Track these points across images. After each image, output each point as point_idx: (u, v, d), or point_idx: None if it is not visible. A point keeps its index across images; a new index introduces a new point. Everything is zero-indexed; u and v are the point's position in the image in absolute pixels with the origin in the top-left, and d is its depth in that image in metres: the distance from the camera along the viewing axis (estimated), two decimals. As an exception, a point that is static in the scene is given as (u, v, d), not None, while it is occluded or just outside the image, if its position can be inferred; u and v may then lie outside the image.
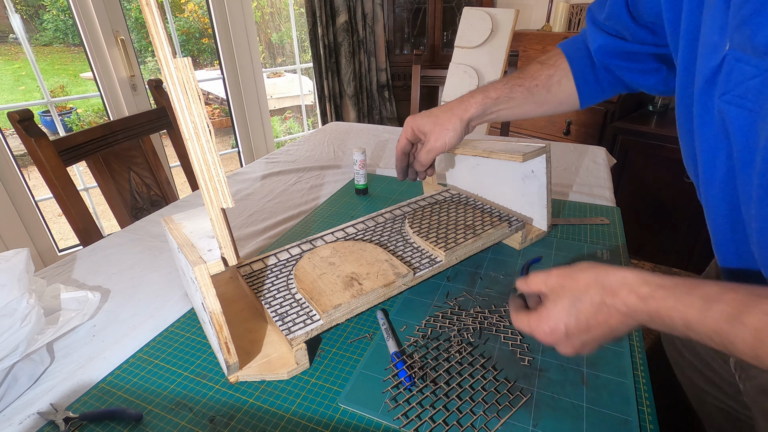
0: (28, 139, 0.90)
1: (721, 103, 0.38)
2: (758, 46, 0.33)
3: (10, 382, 0.50)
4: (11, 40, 4.42)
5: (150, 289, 0.69)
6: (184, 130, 0.40)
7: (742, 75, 0.35)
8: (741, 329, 0.31)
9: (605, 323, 0.39)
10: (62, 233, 2.76)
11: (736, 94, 0.36)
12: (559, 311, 0.41)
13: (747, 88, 0.35)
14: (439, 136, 0.64)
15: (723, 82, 0.37)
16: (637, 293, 0.37)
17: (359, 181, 0.96)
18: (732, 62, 0.36)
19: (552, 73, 0.64)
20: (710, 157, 0.41)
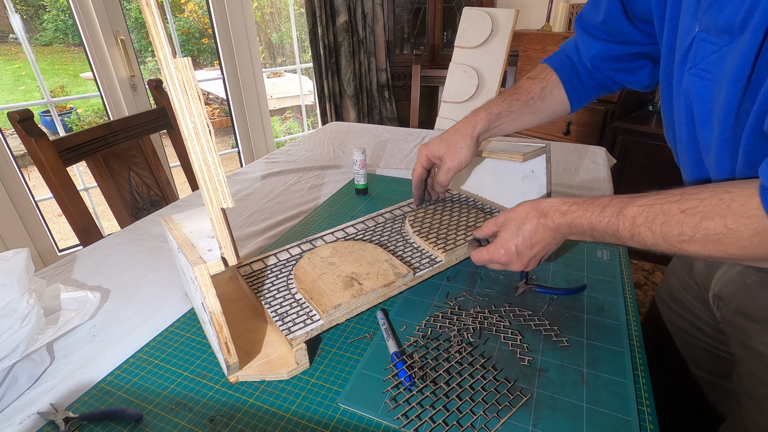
0: (28, 139, 0.90)
1: (688, 76, 0.47)
2: (719, 26, 0.42)
3: (10, 382, 0.50)
4: (11, 40, 4.43)
5: (150, 289, 0.69)
6: (184, 130, 0.40)
7: (704, 51, 0.44)
8: (623, 219, 0.45)
9: (542, 239, 0.53)
10: (62, 233, 2.76)
11: (700, 68, 0.45)
12: (510, 236, 0.54)
13: (708, 62, 0.44)
14: (455, 156, 0.69)
15: (691, 59, 0.47)
16: (560, 210, 0.51)
17: (359, 181, 0.96)
18: (699, 42, 0.45)
19: (544, 85, 0.72)
20: (680, 122, 0.51)
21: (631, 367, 0.50)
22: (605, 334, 0.54)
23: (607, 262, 0.69)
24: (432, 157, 0.72)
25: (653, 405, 0.46)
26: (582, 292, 0.62)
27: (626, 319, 0.57)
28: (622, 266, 0.68)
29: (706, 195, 0.41)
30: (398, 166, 1.16)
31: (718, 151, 0.45)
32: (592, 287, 0.63)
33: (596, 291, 0.62)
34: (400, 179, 1.06)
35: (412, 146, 1.30)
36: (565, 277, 0.66)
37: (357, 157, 0.93)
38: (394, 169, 1.14)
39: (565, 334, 0.55)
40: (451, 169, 0.70)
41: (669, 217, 0.42)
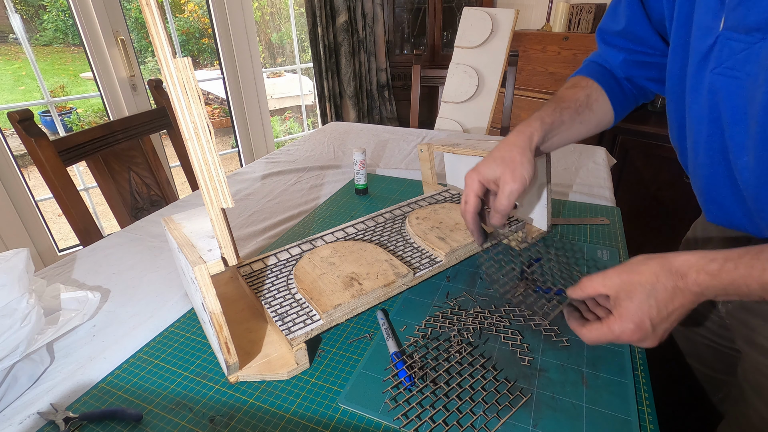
0: (28, 139, 0.90)
1: (712, 76, 0.46)
2: (748, 24, 0.41)
3: (10, 382, 0.50)
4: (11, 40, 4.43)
5: (150, 289, 0.69)
6: (184, 130, 0.40)
7: (731, 50, 0.44)
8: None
9: (681, 306, 0.42)
10: (62, 233, 2.76)
11: (726, 67, 0.44)
12: (639, 306, 0.43)
13: (736, 60, 0.43)
14: (515, 175, 0.57)
15: (715, 58, 0.45)
16: (707, 271, 0.40)
17: (359, 181, 0.96)
18: (723, 41, 0.44)
19: (590, 93, 0.65)
20: (698, 122, 0.49)
21: (631, 367, 0.50)
22: (605, 334, 0.54)
23: (607, 262, 0.69)
24: (486, 182, 0.59)
25: (653, 405, 0.46)
26: (582, 292, 0.62)
27: (626, 319, 0.57)
28: (622, 266, 0.68)
29: None
30: (398, 166, 1.16)
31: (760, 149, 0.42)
32: (592, 287, 0.63)
33: (596, 291, 0.62)
34: (400, 179, 1.06)
35: (412, 146, 1.30)
36: (565, 277, 0.66)
37: (357, 157, 0.93)
38: (394, 169, 1.14)
39: (565, 334, 0.55)
40: (513, 191, 0.57)
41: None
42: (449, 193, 0.84)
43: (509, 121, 1.62)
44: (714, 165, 0.50)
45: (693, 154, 0.53)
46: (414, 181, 1.04)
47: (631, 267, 0.44)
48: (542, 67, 2.06)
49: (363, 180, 0.96)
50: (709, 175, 0.52)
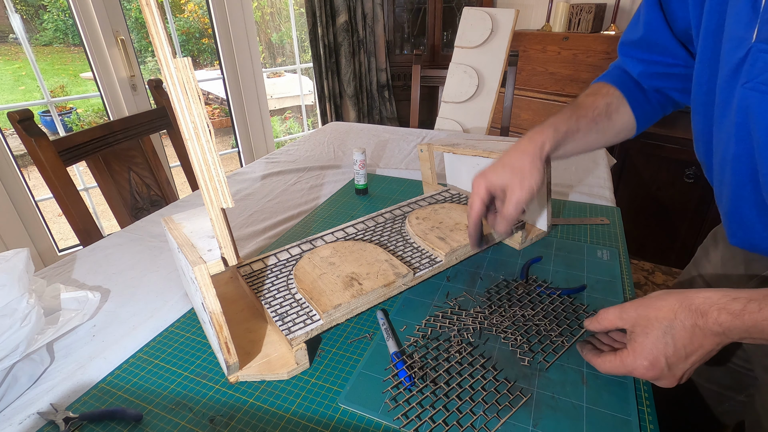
0: (28, 139, 0.90)
1: (743, 90, 0.42)
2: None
3: (10, 382, 0.50)
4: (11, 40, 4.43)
5: (150, 289, 0.69)
6: (184, 130, 0.40)
7: (765, 63, 0.40)
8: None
9: (701, 347, 0.40)
10: (62, 233, 2.76)
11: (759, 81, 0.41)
12: (654, 343, 0.41)
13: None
14: (524, 183, 0.56)
15: (747, 72, 0.42)
16: (729, 310, 0.38)
17: (359, 181, 0.96)
18: (756, 53, 0.41)
19: (610, 101, 0.63)
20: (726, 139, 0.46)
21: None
22: (605, 334, 0.54)
23: (607, 263, 0.69)
24: (493, 189, 0.58)
25: (653, 405, 0.46)
26: (582, 292, 0.62)
27: (626, 319, 0.57)
28: (623, 266, 0.68)
29: None
30: (398, 166, 1.16)
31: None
32: (592, 287, 0.63)
33: (596, 291, 0.62)
34: (400, 179, 1.06)
35: (412, 146, 1.30)
36: (565, 277, 0.66)
37: (357, 157, 0.93)
38: (394, 169, 1.14)
39: (565, 333, 0.55)
40: (521, 201, 0.56)
41: None
42: (449, 193, 0.84)
43: (509, 121, 1.62)
44: (741, 185, 0.47)
45: (719, 172, 0.50)
46: (414, 181, 1.04)
47: (649, 302, 0.43)
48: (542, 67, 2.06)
49: (363, 180, 0.96)
50: (735, 196, 0.49)
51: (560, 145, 0.59)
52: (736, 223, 0.51)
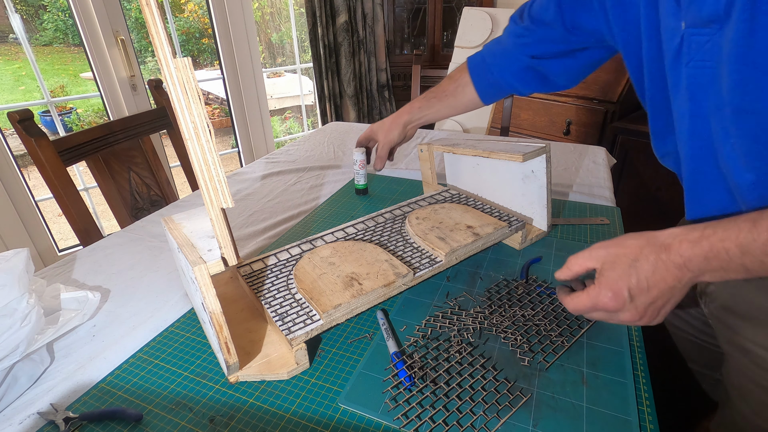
0: (28, 139, 0.90)
1: (687, 69, 0.48)
2: (704, 18, 0.44)
3: (10, 382, 0.50)
4: (11, 40, 4.43)
5: (150, 289, 0.69)
6: (184, 130, 0.40)
7: (698, 44, 0.46)
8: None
9: (663, 280, 0.42)
10: (62, 233, 2.76)
11: (697, 59, 0.47)
12: (619, 275, 0.43)
13: (704, 52, 0.46)
14: (387, 135, 0.89)
15: (686, 54, 0.48)
16: (688, 239, 0.41)
17: (359, 181, 0.96)
18: (689, 37, 0.47)
19: (457, 85, 0.86)
20: (681, 117, 0.51)
21: (631, 366, 0.50)
22: (605, 334, 0.54)
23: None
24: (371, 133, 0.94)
25: (653, 405, 0.46)
26: (582, 292, 0.62)
27: (626, 319, 0.57)
28: (622, 266, 0.68)
29: None
30: (398, 166, 1.16)
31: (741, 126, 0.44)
32: (592, 287, 0.63)
33: (596, 291, 0.62)
34: (400, 179, 1.06)
35: (412, 146, 1.30)
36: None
37: (357, 157, 0.93)
38: (394, 169, 1.14)
39: (565, 333, 0.55)
40: (384, 144, 0.89)
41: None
42: (449, 193, 0.84)
43: (509, 121, 1.62)
44: (700, 158, 0.51)
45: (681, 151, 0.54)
46: (414, 181, 1.04)
47: (618, 241, 0.46)
48: (542, 67, 2.05)
49: (363, 180, 0.96)
50: (694, 169, 0.52)
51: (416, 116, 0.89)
52: (697, 194, 0.55)
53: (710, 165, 0.50)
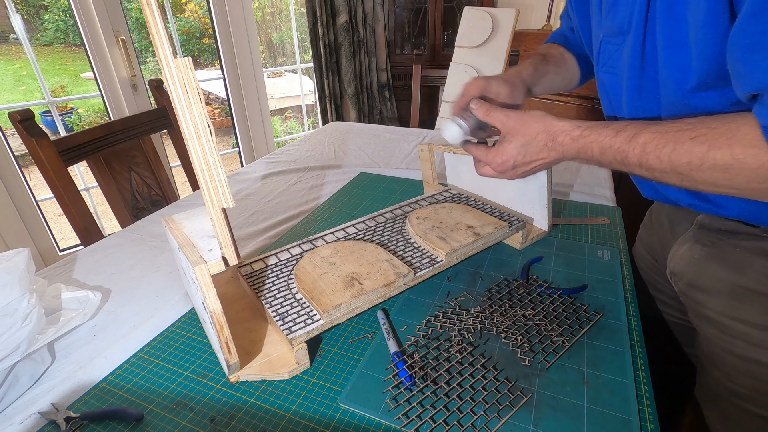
0: (29, 139, 0.90)
1: (600, 73, 0.59)
2: (614, 29, 0.52)
3: (11, 382, 0.50)
4: (12, 40, 4.43)
5: (150, 289, 0.69)
6: (185, 130, 0.40)
7: (609, 52, 0.55)
8: (634, 146, 0.46)
9: (543, 159, 0.55)
10: (63, 233, 2.76)
11: (608, 65, 0.56)
12: (512, 149, 0.56)
13: (613, 59, 0.55)
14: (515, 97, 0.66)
15: (602, 59, 0.57)
16: (571, 135, 0.52)
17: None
18: (604, 45, 0.56)
19: (562, 52, 0.78)
20: (606, 110, 0.62)
21: (631, 366, 0.50)
22: (606, 334, 0.54)
23: (607, 262, 0.69)
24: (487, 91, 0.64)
25: (654, 405, 0.46)
26: (583, 292, 0.62)
27: (627, 318, 0.57)
28: (623, 266, 0.68)
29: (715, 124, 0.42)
30: (399, 166, 1.16)
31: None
32: (592, 287, 0.63)
33: (597, 291, 0.62)
34: (400, 179, 1.06)
35: (412, 146, 1.30)
36: (566, 277, 0.66)
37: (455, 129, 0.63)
38: (395, 168, 1.14)
39: (566, 333, 0.55)
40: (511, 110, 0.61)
41: (678, 145, 0.43)
42: (450, 193, 0.84)
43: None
44: None
45: None
46: (414, 181, 1.04)
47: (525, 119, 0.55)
48: (543, 66, 2.06)
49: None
50: None
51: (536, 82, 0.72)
52: (636, 180, 0.65)
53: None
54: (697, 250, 0.59)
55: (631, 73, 0.51)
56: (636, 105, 0.53)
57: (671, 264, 0.64)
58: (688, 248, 0.61)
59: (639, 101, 0.53)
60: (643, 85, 0.51)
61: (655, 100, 0.51)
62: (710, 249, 0.58)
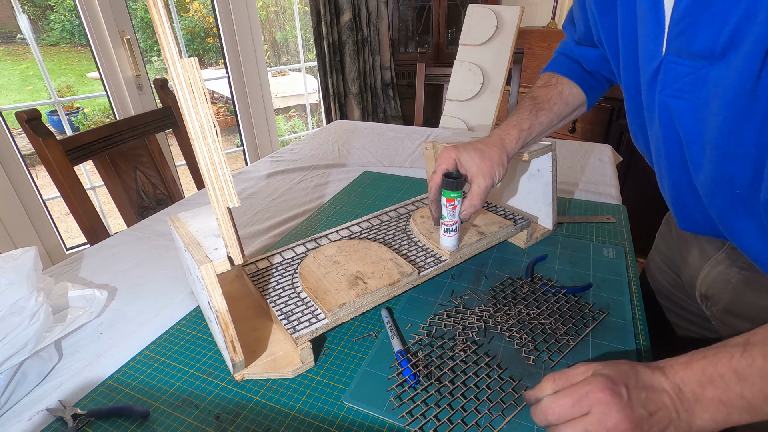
0: (36, 139, 0.91)
1: (662, 96, 0.47)
2: (693, 51, 0.42)
3: (20, 379, 0.50)
4: (19, 40, 4.46)
5: (156, 288, 0.70)
6: (191, 130, 0.40)
7: (677, 74, 0.45)
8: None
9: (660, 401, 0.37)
10: (69, 232, 2.78)
11: (675, 89, 0.45)
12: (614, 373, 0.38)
13: (684, 83, 0.44)
14: (490, 172, 0.60)
15: (662, 81, 0.46)
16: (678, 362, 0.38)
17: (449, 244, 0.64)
18: (668, 65, 0.45)
19: (561, 89, 0.70)
20: (656, 138, 0.51)
21: (637, 366, 0.49)
22: (611, 333, 0.54)
23: (613, 261, 0.68)
24: (459, 165, 0.60)
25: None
26: (588, 290, 0.62)
27: (632, 318, 0.57)
28: (629, 265, 0.67)
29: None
30: (403, 165, 1.16)
31: (715, 170, 0.44)
32: (598, 286, 0.63)
33: (602, 290, 0.62)
34: (405, 177, 1.06)
35: (416, 144, 1.30)
36: (571, 275, 0.66)
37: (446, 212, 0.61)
38: (399, 167, 1.14)
39: (571, 332, 0.54)
40: (488, 188, 0.59)
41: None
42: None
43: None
44: (678, 178, 0.51)
45: (658, 165, 0.54)
46: (419, 180, 1.04)
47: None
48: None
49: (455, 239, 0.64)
50: (673, 187, 0.53)
51: (526, 141, 0.66)
52: (680, 211, 0.55)
53: (689, 186, 0.50)
54: (733, 274, 0.54)
55: (730, 112, 0.40)
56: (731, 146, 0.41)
57: (703, 287, 0.59)
58: (723, 271, 0.55)
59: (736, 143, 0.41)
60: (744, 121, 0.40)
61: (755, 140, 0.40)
62: (748, 273, 0.52)
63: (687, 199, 0.52)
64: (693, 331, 0.68)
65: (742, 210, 0.44)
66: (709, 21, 0.40)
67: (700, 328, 0.67)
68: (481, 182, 0.59)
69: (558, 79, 0.71)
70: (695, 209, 0.52)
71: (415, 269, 0.59)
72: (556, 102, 0.69)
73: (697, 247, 0.61)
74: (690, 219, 0.54)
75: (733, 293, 0.54)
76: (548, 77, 0.73)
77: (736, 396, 0.34)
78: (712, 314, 0.58)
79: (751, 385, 0.34)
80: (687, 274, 0.63)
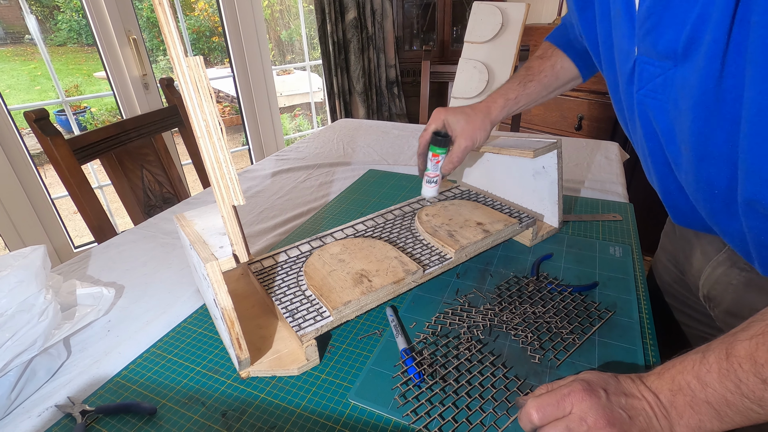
0: (44, 138, 0.92)
1: (638, 96, 0.47)
2: (660, 51, 0.42)
3: (29, 376, 0.51)
4: (27, 40, 4.50)
5: (163, 286, 0.70)
6: (196, 129, 0.40)
7: (650, 74, 0.44)
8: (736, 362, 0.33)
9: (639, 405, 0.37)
10: (77, 230, 2.81)
11: (648, 89, 0.45)
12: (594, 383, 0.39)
13: (656, 84, 0.44)
14: (472, 135, 0.68)
15: (637, 80, 0.46)
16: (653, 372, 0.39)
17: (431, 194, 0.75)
18: (641, 65, 0.45)
19: (554, 62, 0.73)
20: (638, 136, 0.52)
21: (644, 364, 0.49)
22: (618, 332, 0.54)
23: (619, 259, 0.68)
24: (446, 126, 0.69)
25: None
26: (594, 289, 0.62)
27: (639, 316, 0.56)
28: (635, 263, 0.67)
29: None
30: (408, 163, 1.15)
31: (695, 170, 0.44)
32: (604, 284, 0.62)
33: (608, 288, 0.62)
34: (409, 176, 1.06)
35: (421, 143, 1.30)
36: (577, 274, 0.65)
37: (431, 165, 0.72)
38: (404, 165, 1.14)
39: (577, 331, 0.54)
40: (468, 148, 0.68)
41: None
42: (459, 190, 0.83)
43: (519, 117, 1.60)
44: (664, 176, 0.51)
45: (644, 162, 0.54)
46: (423, 178, 1.04)
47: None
48: (553, 61, 2.03)
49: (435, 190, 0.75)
50: (661, 184, 0.53)
51: (511, 110, 0.71)
52: (673, 207, 0.56)
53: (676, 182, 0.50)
54: (734, 275, 0.53)
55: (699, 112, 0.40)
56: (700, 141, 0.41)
57: (705, 288, 0.59)
58: (724, 272, 0.55)
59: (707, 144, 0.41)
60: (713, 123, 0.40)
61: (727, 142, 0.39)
62: (749, 274, 0.52)
63: (675, 196, 0.52)
64: (700, 330, 0.68)
65: (724, 210, 0.44)
66: (671, 21, 0.40)
67: (707, 327, 0.66)
68: (462, 143, 0.68)
69: (554, 51, 0.74)
70: (685, 206, 0.52)
71: (419, 267, 0.59)
72: (547, 75, 0.73)
73: (699, 248, 0.60)
74: (682, 214, 0.55)
75: (734, 295, 0.54)
76: (546, 47, 0.76)
77: (702, 403, 0.35)
78: (716, 315, 0.58)
79: (713, 391, 0.34)
80: (690, 275, 0.63)
